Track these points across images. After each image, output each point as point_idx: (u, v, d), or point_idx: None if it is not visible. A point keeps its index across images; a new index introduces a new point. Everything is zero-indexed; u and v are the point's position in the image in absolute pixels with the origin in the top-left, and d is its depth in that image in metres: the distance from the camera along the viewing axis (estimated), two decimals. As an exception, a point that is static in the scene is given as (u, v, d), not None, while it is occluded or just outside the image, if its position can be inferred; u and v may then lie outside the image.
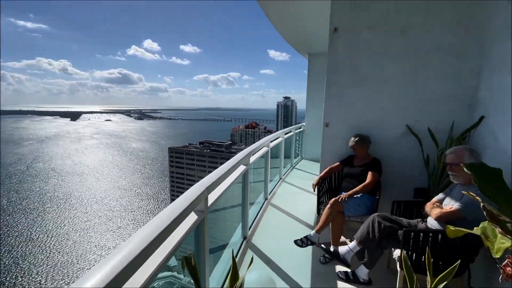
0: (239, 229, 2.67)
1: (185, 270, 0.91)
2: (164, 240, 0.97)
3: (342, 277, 2.12)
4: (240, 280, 0.97)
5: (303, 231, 2.93)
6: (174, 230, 1.05)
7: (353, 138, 2.66)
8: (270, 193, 3.98)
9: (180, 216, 1.08)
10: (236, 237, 2.62)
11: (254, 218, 3.12)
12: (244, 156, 2.41)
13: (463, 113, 2.46)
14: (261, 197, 3.73)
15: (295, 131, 6.23)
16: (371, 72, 2.70)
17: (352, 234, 2.24)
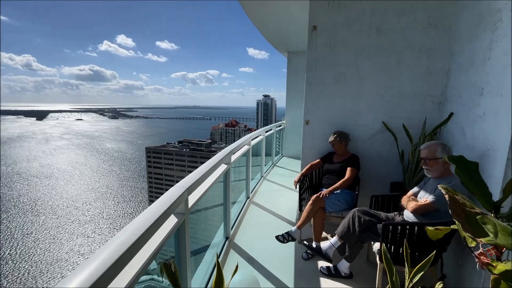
0: (221, 229, 2.62)
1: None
2: (143, 246, 0.94)
3: (325, 272, 2.16)
4: (226, 286, 0.93)
5: (286, 228, 2.93)
6: (153, 235, 1.02)
7: (333, 135, 2.71)
8: (252, 192, 3.96)
9: (159, 220, 1.02)
10: (219, 238, 2.57)
11: (236, 218, 3.08)
12: (226, 155, 2.36)
13: (434, 110, 2.60)
14: (243, 196, 3.70)
15: (276, 129, 6.27)
16: (349, 70, 2.76)
17: (333, 229, 2.28)
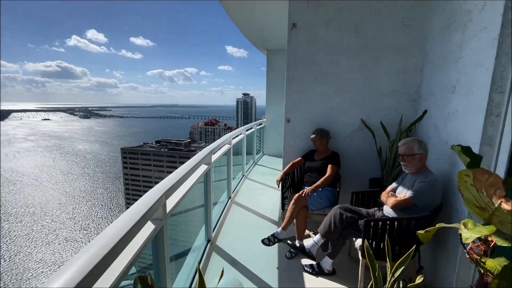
0: (203, 232, 2.54)
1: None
2: (119, 254, 0.87)
3: (308, 270, 2.16)
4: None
5: (269, 228, 2.91)
6: (129, 243, 0.94)
7: (314, 132, 2.72)
8: (234, 191, 3.90)
9: (133, 229, 0.94)
10: (200, 241, 2.49)
11: (218, 219, 3.01)
12: (206, 155, 2.28)
13: (410, 107, 2.69)
14: (224, 196, 3.63)
15: (256, 127, 6.24)
16: (329, 68, 2.78)
17: (315, 227, 2.28)
